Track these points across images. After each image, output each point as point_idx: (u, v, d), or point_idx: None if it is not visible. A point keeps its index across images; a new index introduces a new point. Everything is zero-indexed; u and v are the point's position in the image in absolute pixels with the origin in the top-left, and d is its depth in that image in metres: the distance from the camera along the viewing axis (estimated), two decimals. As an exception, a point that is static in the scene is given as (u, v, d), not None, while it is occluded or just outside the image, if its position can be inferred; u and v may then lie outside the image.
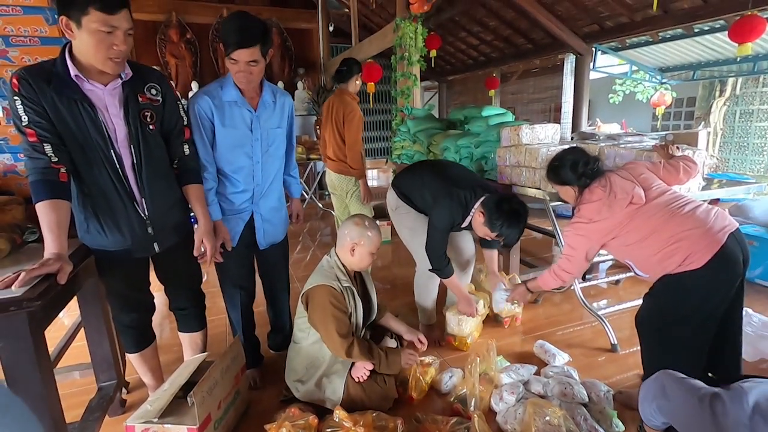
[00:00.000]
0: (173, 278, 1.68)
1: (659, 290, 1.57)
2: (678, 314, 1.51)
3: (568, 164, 1.71)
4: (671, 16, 4.05)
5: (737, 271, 1.43)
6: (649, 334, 1.63)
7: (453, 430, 1.56)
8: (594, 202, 1.63)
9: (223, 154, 1.69)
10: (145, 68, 1.47)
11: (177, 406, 1.47)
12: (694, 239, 1.43)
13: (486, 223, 1.85)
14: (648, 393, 1.23)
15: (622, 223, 1.58)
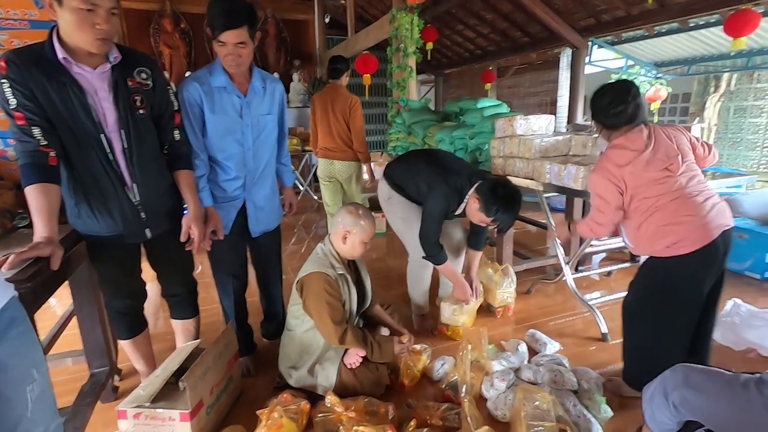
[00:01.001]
0: (166, 265, 1.68)
1: (644, 275, 1.63)
2: (661, 298, 1.56)
3: (606, 99, 1.60)
4: (667, 9, 4.04)
5: (719, 265, 1.52)
6: (634, 319, 1.67)
7: (444, 416, 1.58)
8: (630, 150, 1.54)
9: (213, 141, 1.68)
10: (135, 52, 1.46)
11: (169, 392, 1.47)
12: (691, 227, 1.46)
13: (482, 208, 1.87)
14: (663, 388, 1.17)
15: (644, 185, 1.52)
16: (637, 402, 1.74)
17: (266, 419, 1.45)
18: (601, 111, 1.63)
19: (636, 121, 1.58)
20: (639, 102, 1.57)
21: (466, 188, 1.97)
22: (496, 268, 2.49)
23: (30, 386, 0.89)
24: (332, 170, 3.13)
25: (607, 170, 1.57)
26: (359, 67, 4.47)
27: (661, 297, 1.57)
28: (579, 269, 3.00)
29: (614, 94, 1.59)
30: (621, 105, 1.56)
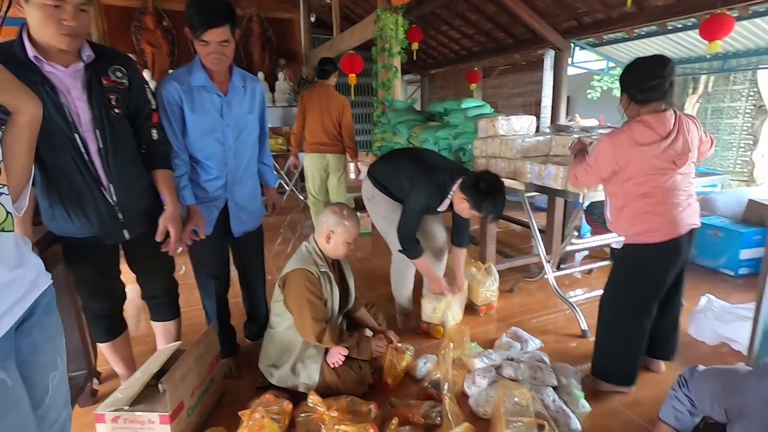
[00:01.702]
0: (145, 266, 1.66)
1: (616, 262, 1.76)
2: (629, 284, 1.68)
3: (639, 71, 1.55)
4: (645, 12, 4.14)
5: (682, 259, 1.63)
6: (606, 309, 1.78)
7: (426, 414, 1.60)
8: (654, 132, 1.51)
9: (194, 141, 1.67)
10: (109, 50, 1.43)
11: (149, 394, 1.46)
12: (665, 220, 1.56)
13: (472, 207, 1.90)
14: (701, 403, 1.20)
15: (646, 171, 1.54)
16: (614, 396, 1.80)
17: (248, 420, 1.44)
18: (635, 84, 1.55)
19: (667, 98, 1.54)
20: (673, 79, 1.53)
21: (449, 185, 1.99)
22: (479, 267, 2.52)
23: (53, 373, 0.93)
24: (325, 164, 3.50)
25: (620, 143, 1.54)
26: (345, 67, 4.46)
27: (629, 284, 1.69)
28: (561, 267, 3.05)
29: (650, 68, 1.53)
30: (657, 79, 1.50)
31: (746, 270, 2.94)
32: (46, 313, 0.91)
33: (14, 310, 0.82)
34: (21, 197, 0.92)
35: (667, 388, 1.82)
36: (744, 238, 2.92)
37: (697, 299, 2.36)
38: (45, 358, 0.91)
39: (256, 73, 6.06)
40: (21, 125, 0.86)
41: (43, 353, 0.90)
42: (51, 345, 0.93)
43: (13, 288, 0.83)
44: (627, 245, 1.70)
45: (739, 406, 1.10)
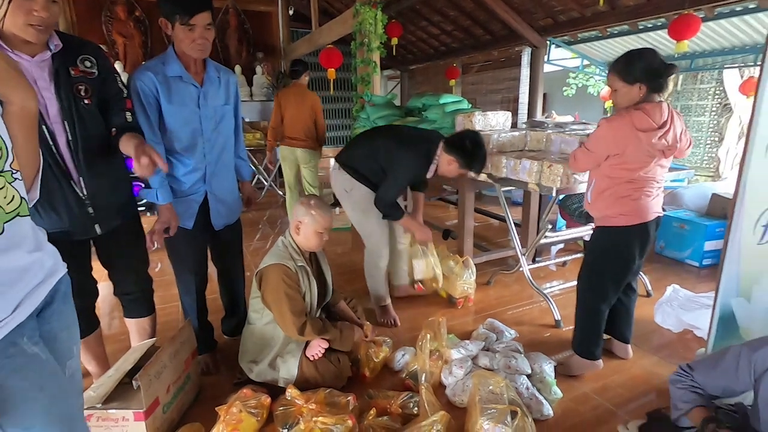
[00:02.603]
0: (117, 262, 1.63)
1: (590, 242, 1.87)
2: (601, 262, 1.80)
3: (654, 61, 1.56)
4: (618, 12, 4.25)
5: (648, 243, 1.75)
6: (582, 287, 1.88)
7: (403, 404, 1.62)
8: (652, 121, 1.56)
9: (171, 133, 1.64)
10: (78, 39, 1.39)
11: (123, 392, 1.43)
12: (637, 205, 1.67)
13: (462, 165, 2.04)
14: (742, 373, 1.14)
15: (637, 158, 1.60)
16: (585, 383, 1.87)
17: (224, 415, 1.44)
18: (652, 72, 1.56)
19: (664, 91, 1.62)
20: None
21: (432, 151, 2.09)
22: (456, 260, 2.56)
23: (69, 362, 0.94)
24: (294, 158, 3.80)
25: (620, 127, 1.58)
26: (323, 62, 4.43)
27: (601, 262, 1.80)
28: (537, 260, 3.13)
29: (658, 58, 1.56)
30: (670, 70, 1.57)
31: (710, 261, 3.08)
32: (64, 301, 0.93)
33: (37, 292, 0.84)
34: (32, 188, 0.92)
35: (635, 373, 1.93)
36: (708, 230, 3.05)
37: (664, 289, 2.47)
38: (63, 345, 0.92)
39: (233, 66, 5.95)
40: (11, 115, 0.84)
41: (61, 341, 0.92)
42: (68, 333, 0.94)
43: (35, 271, 0.85)
44: (599, 227, 1.80)
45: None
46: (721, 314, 1.44)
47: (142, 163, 1.25)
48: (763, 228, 1.39)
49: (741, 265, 1.41)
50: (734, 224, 1.34)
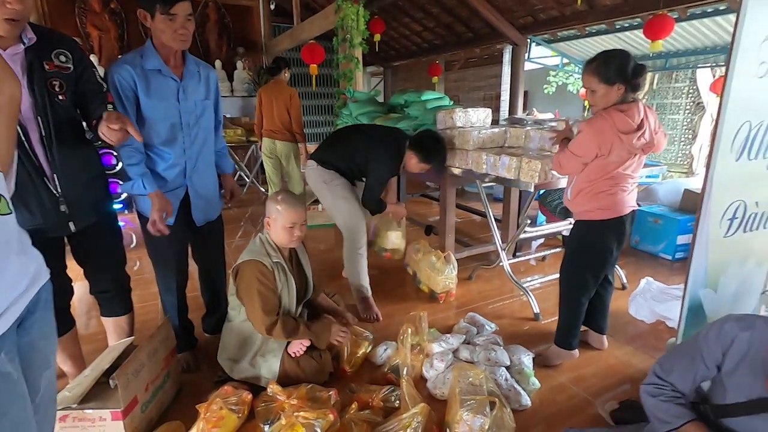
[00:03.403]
0: (93, 260, 1.60)
1: (570, 237, 1.91)
2: (582, 254, 1.84)
3: (629, 62, 1.58)
4: (596, 11, 4.34)
5: (622, 237, 1.79)
6: (564, 280, 1.92)
7: (385, 398, 1.64)
8: (632, 121, 1.60)
9: (151, 127, 1.61)
10: (53, 33, 1.36)
11: (100, 391, 1.41)
12: (614, 199, 1.72)
13: (421, 160, 2.29)
14: (693, 365, 1.13)
15: (619, 157, 1.64)
16: (562, 373, 1.92)
17: (205, 412, 1.43)
18: (630, 72, 1.58)
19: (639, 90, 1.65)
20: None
21: (402, 150, 2.33)
22: (438, 256, 2.59)
23: (47, 372, 0.89)
24: (274, 148, 4.01)
25: (603, 130, 1.60)
26: (305, 57, 4.39)
27: (581, 255, 1.85)
28: (517, 255, 3.18)
29: (632, 59, 1.60)
30: (643, 70, 1.60)
31: (682, 254, 3.18)
32: (46, 309, 0.89)
33: (20, 301, 0.80)
34: (9, 180, 0.88)
35: (610, 363, 1.99)
36: (680, 224, 3.16)
37: (639, 282, 2.55)
38: (41, 355, 0.87)
39: (213, 61, 5.86)
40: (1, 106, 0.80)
41: (40, 351, 0.87)
42: (47, 342, 0.90)
43: (20, 277, 0.80)
44: (578, 222, 1.85)
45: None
46: (690, 305, 1.50)
47: (113, 126, 1.23)
48: (728, 222, 1.45)
49: (708, 258, 1.47)
50: (701, 218, 1.39)
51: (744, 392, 1.03)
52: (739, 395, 1.05)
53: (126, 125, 1.25)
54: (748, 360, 1.03)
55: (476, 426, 1.42)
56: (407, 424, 1.41)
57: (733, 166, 1.37)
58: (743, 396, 1.03)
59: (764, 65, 1.28)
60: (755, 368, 1.01)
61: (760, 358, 1.00)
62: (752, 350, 1.02)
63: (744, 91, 1.29)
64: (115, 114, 1.27)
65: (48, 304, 0.91)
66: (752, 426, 1.03)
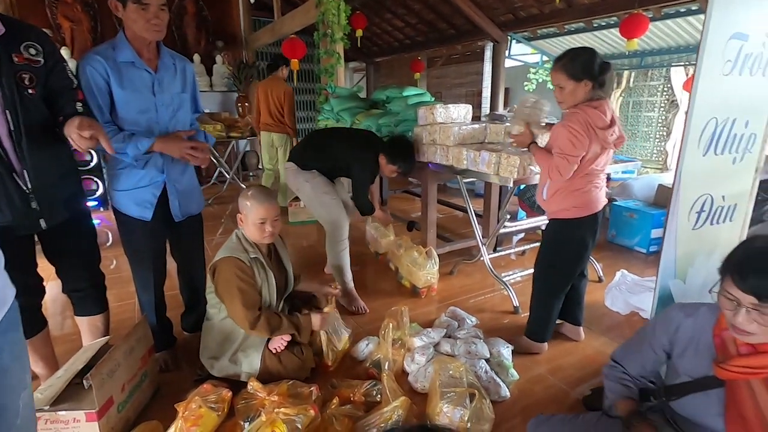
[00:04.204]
0: (65, 257, 1.55)
1: (545, 236, 1.94)
2: (558, 252, 1.87)
3: (596, 59, 1.60)
4: (574, 10, 4.41)
5: (596, 232, 1.84)
6: (538, 276, 1.96)
7: (366, 392, 1.65)
8: (604, 117, 1.62)
9: (125, 121, 1.57)
10: (23, 24, 1.31)
11: (74, 393, 1.38)
12: (589, 197, 1.75)
13: (389, 162, 2.43)
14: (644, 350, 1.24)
15: (594, 153, 1.67)
16: (540, 365, 1.96)
17: (183, 411, 1.41)
18: (596, 69, 1.61)
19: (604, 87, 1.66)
20: None
21: (378, 154, 2.44)
22: (420, 251, 2.61)
23: (24, 393, 0.83)
24: (271, 140, 4.36)
25: (587, 128, 1.61)
26: (286, 52, 4.34)
27: (557, 253, 1.87)
28: (497, 249, 3.22)
29: (598, 56, 1.62)
30: (609, 68, 1.63)
31: (656, 247, 3.28)
32: (14, 330, 0.82)
33: None
34: None
35: (587, 353, 2.04)
36: (654, 219, 3.25)
37: (614, 275, 2.61)
38: (15, 377, 0.81)
39: (192, 55, 5.73)
40: None
41: (14, 373, 0.81)
42: (20, 363, 0.84)
43: None
44: (553, 220, 1.87)
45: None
46: (660, 295, 1.55)
47: (84, 134, 1.20)
48: (696, 214, 1.50)
49: (678, 249, 1.52)
50: (671, 212, 1.44)
51: (692, 374, 1.11)
52: (687, 377, 1.12)
53: (98, 133, 1.23)
54: (694, 344, 1.11)
55: (456, 417, 1.44)
56: (388, 417, 1.42)
57: (701, 160, 1.41)
58: (692, 377, 1.11)
59: (729, 63, 1.33)
60: (702, 351, 1.09)
61: (706, 341, 1.09)
62: (698, 335, 1.11)
63: (711, 89, 1.33)
64: (87, 121, 1.24)
65: (15, 323, 0.83)
66: (694, 403, 1.11)
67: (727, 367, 1.00)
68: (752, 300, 0.91)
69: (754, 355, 0.98)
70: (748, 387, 1.00)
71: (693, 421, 1.11)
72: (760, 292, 0.90)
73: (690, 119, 1.35)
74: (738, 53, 1.34)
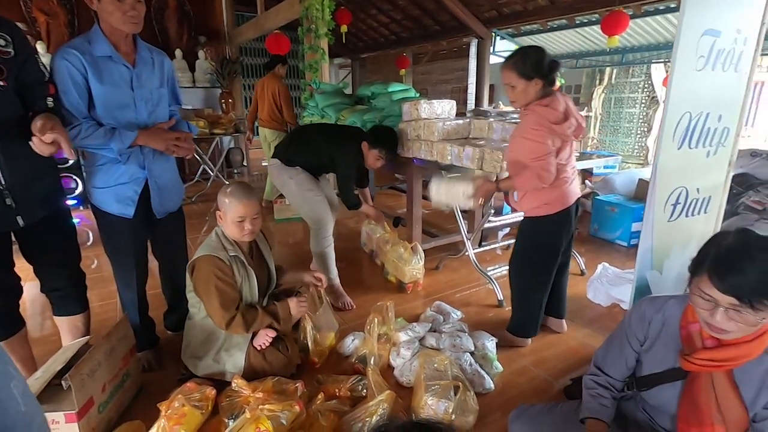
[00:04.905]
0: (44, 256, 1.52)
1: (519, 235, 1.94)
2: (531, 251, 1.88)
3: (545, 58, 1.63)
4: (557, 7, 4.47)
5: (571, 227, 1.84)
6: (515, 275, 1.97)
7: (352, 387, 1.65)
8: (557, 111, 1.64)
9: (104, 118, 1.54)
10: None
11: (52, 394, 1.35)
12: (557, 193, 1.74)
13: (372, 147, 2.38)
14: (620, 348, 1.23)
15: (553, 145, 1.66)
16: (523, 357, 1.99)
17: (166, 410, 1.39)
18: (546, 67, 1.63)
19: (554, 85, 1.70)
20: None
21: (362, 145, 2.40)
22: (406, 247, 2.62)
23: (13, 382, 0.81)
24: (265, 135, 4.49)
25: (546, 125, 1.63)
26: (270, 47, 4.31)
27: (532, 250, 1.88)
28: (483, 244, 3.26)
29: (547, 55, 1.64)
30: (558, 65, 1.67)
31: (637, 240, 3.27)
32: None
33: None
34: None
35: (570, 345, 2.08)
36: (635, 212, 3.32)
37: (596, 268, 2.66)
38: None
39: (173, 50, 5.63)
40: None
41: None
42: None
43: None
44: (526, 218, 1.88)
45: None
46: (638, 286, 1.59)
47: (45, 138, 1.18)
48: (672, 206, 1.54)
49: (654, 241, 1.56)
50: (648, 204, 1.48)
51: (660, 365, 1.13)
52: (656, 368, 1.15)
53: (60, 138, 1.20)
54: (662, 336, 1.13)
55: (440, 410, 1.46)
56: (373, 411, 1.43)
57: (676, 154, 1.45)
58: (660, 368, 1.13)
59: (702, 59, 1.36)
60: (668, 343, 1.11)
61: (672, 333, 1.10)
62: (665, 327, 1.12)
63: (685, 84, 1.36)
64: (50, 123, 1.21)
65: None
66: (661, 394, 1.13)
67: (692, 359, 1.02)
68: (731, 301, 0.88)
69: (718, 348, 0.99)
70: (708, 376, 1.03)
71: (661, 410, 1.14)
72: (739, 293, 0.87)
73: (665, 114, 1.38)
74: (711, 49, 1.37)
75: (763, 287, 0.86)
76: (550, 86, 1.68)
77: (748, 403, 0.99)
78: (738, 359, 0.97)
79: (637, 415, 1.24)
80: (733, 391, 1.00)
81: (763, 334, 0.95)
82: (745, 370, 0.99)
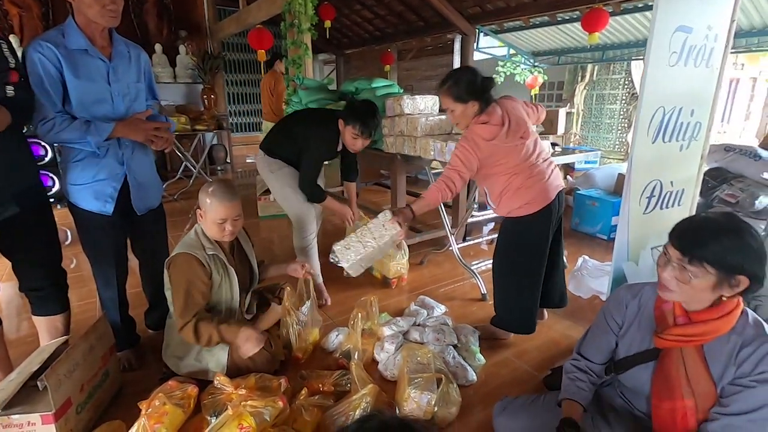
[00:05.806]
0: (22, 254, 1.49)
1: (501, 235, 1.91)
2: (517, 251, 1.85)
3: (477, 78, 1.69)
4: (539, 4, 4.50)
5: (557, 219, 1.84)
6: (498, 273, 1.95)
7: (336, 382, 1.66)
8: (494, 125, 1.67)
9: (79, 113, 1.51)
10: None
11: (29, 395, 1.33)
12: (537, 190, 1.74)
13: (347, 124, 2.14)
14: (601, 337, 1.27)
15: (505, 154, 1.71)
16: (505, 349, 2.02)
17: (146, 409, 1.38)
18: (479, 87, 1.69)
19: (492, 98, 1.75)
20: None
21: (336, 123, 2.21)
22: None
23: None
24: (268, 127, 4.26)
25: (476, 143, 1.70)
26: (252, 42, 4.25)
27: (516, 250, 1.86)
28: (467, 239, 3.29)
29: (479, 74, 1.71)
30: (491, 82, 1.73)
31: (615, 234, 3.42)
32: None
33: None
34: None
35: (551, 336, 2.12)
36: (615, 206, 3.39)
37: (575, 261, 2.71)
38: None
39: (153, 45, 5.52)
40: None
41: None
42: None
43: None
44: (507, 219, 1.86)
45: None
46: (614, 277, 1.63)
47: None
48: (647, 199, 1.58)
49: (630, 233, 1.60)
50: (624, 197, 1.51)
51: (635, 348, 1.19)
52: (630, 351, 1.20)
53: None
54: (638, 320, 1.19)
55: (423, 402, 1.47)
56: (357, 405, 1.44)
57: (650, 148, 1.49)
58: (636, 351, 1.19)
59: (675, 55, 1.40)
60: (644, 326, 1.17)
61: (648, 316, 1.17)
62: (641, 311, 1.19)
63: (658, 79, 1.40)
64: None
65: None
66: (638, 375, 1.17)
67: (664, 336, 1.08)
68: (678, 255, 1.01)
69: (689, 324, 1.06)
70: (678, 351, 1.09)
71: (637, 391, 1.18)
72: (683, 247, 1.00)
73: (640, 108, 1.41)
74: (683, 45, 1.41)
75: (711, 255, 0.96)
76: (487, 104, 1.72)
77: (716, 378, 1.04)
78: (707, 335, 1.04)
79: (615, 400, 1.28)
80: (703, 365, 1.05)
81: (729, 313, 1.02)
82: (713, 347, 1.05)
